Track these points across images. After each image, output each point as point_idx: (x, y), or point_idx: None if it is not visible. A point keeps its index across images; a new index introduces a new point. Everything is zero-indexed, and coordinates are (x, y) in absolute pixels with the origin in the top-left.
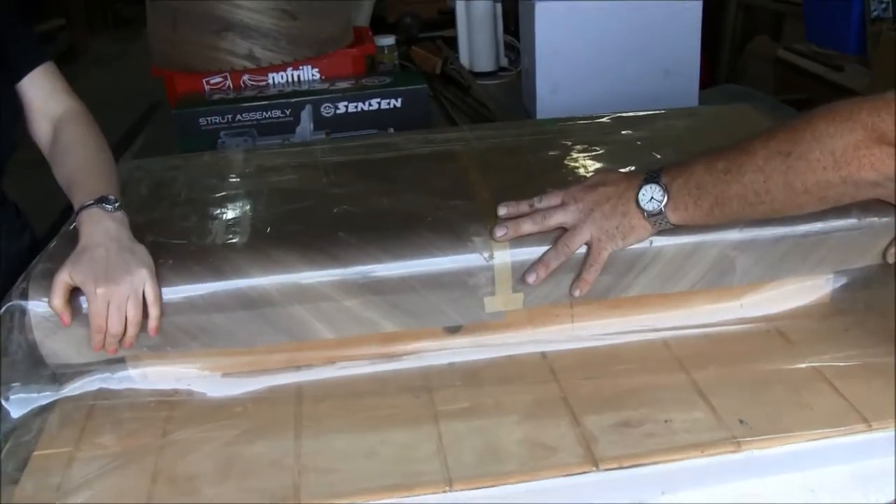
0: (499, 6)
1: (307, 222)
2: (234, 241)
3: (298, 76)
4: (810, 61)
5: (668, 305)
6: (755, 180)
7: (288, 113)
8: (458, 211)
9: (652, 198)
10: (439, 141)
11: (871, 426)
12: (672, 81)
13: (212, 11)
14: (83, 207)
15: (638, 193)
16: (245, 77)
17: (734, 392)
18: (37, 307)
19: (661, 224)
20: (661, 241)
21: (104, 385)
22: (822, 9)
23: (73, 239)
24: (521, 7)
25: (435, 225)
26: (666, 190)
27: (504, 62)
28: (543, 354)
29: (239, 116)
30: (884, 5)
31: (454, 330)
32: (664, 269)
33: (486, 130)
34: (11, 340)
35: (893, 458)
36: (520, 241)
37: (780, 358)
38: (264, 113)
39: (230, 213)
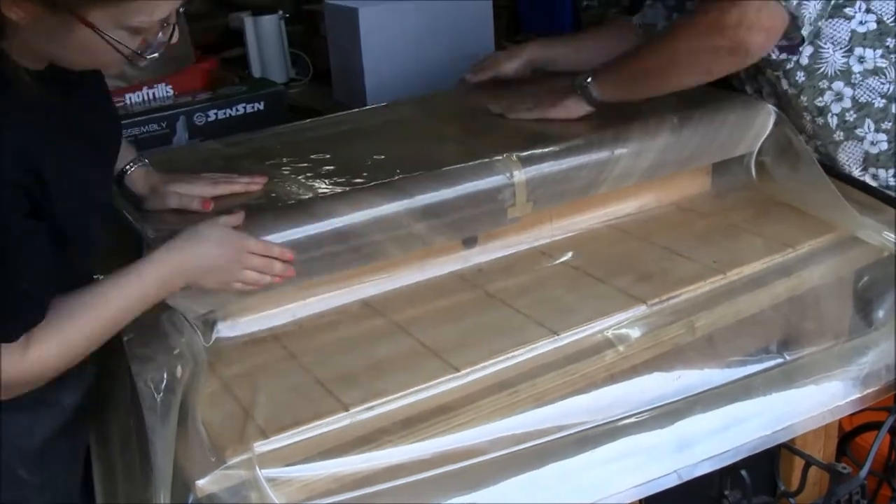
0: (283, 22)
1: (367, 171)
2: (321, 191)
3: (154, 94)
4: None
5: (611, 201)
6: (652, 60)
7: (164, 125)
8: (472, 150)
9: (582, 80)
10: (393, 113)
11: (795, 249)
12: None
13: None
14: None
15: (574, 81)
16: None
17: (691, 247)
18: None
19: (588, 97)
20: (619, 151)
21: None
22: (537, 4)
23: None
24: (332, 16)
25: (465, 158)
26: (592, 75)
27: (292, 73)
28: (540, 250)
29: None
30: None
31: (471, 242)
32: (621, 171)
33: (416, 101)
34: None
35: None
36: (531, 162)
37: (703, 223)
38: (143, 128)
39: (305, 174)
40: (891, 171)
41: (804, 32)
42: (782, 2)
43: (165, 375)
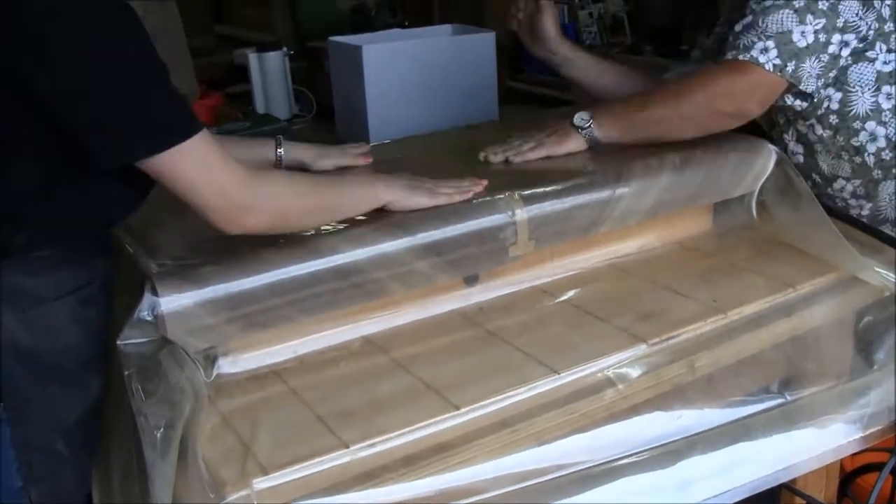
0: (287, 58)
1: None
2: (323, 228)
3: None
4: (538, 86)
5: (612, 240)
6: (657, 112)
7: None
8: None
9: (581, 118)
10: (395, 151)
11: (796, 289)
12: (478, 103)
13: None
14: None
15: (573, 118)
16: None
17: (692, 286)
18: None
19: (589, 136)
20: (620, 190)
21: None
22: None
23: None
24: (335, 54)
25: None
26: (592, 114)
27: (296, 109)
28: (541, 289)
29: None
30: (593, 35)
31: (473, 280)
32: (622, 210)
33: (419, 140)
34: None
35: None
36: (532, 201)
37: (705, 263)
38: None
39: None
40: None
41: (809, 90)
42: (778, 73)
43: (166, 411)
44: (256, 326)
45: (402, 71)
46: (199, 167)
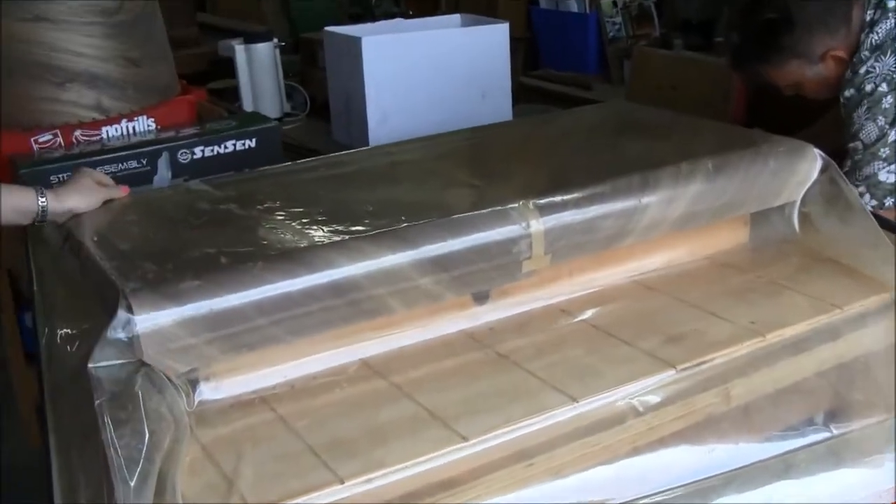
0: (278, 51)
1: (368, 218)
2: (318, 239)
3: (134, 128)
4: (556, 84)
5: (637, 254)
6: None
7: (145, 162)
8: (485, 196)
9: None
10: (398, 154)
11: (843, 310)
12: (489, 102)
13: (51, 62)
14: None
15: None
16: (77, 133)
17: (726, 306)
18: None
19: None
20: (647, 199)
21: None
22: (557, 37)
23: None
24: (332, 45)
25: (477, 206)
26: None
27: (288, 107)
28: (558, 308)
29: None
30: (617, 26)
31: (482, 298)
32: (649, 221)
33: (424, 142)
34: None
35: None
36: (549, 210)
37: (740, 280)
38: (121, 165)
39: (301, 220)
40: None
41: None
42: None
43: (141, 442)
44: (242, 348)
45: (405, 65)
46: None
